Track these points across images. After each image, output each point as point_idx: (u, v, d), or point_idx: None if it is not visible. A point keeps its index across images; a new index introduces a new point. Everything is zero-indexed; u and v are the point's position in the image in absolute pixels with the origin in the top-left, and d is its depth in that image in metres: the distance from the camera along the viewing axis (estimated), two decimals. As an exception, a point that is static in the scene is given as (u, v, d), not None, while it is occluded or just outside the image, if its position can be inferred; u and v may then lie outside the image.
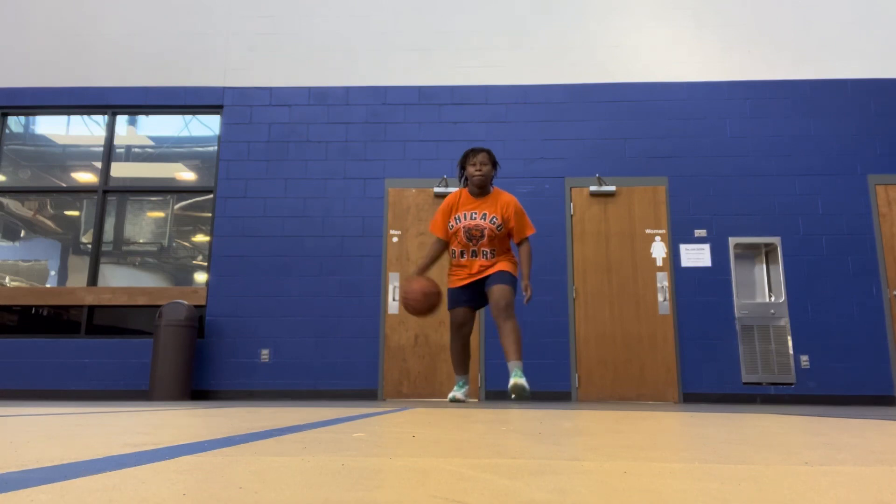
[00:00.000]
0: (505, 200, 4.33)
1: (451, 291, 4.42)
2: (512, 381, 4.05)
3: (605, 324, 6.30)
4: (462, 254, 4.38)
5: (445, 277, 4.77)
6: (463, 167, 4.42)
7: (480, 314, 6.32)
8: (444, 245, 4.44)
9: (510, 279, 4.27)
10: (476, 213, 4.30)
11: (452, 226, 4.35)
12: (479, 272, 4.32)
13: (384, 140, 6.84)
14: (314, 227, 6.64)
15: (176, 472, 0.65)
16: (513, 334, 4.15)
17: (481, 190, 4.37)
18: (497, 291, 4.18)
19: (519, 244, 4.40)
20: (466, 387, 4.49)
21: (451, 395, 4.46)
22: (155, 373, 5.85)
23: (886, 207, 6.44)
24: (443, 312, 6.19)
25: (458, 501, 0.48)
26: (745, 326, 6.23)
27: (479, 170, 4.30)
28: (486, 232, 4.28)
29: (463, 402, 4.41)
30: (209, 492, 0.53)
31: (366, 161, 6.79)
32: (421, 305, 4.09)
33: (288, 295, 6.47)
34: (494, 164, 4.40)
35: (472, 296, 4.38)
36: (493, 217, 4.29)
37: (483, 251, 4.32)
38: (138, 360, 6.34)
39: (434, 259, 4.43)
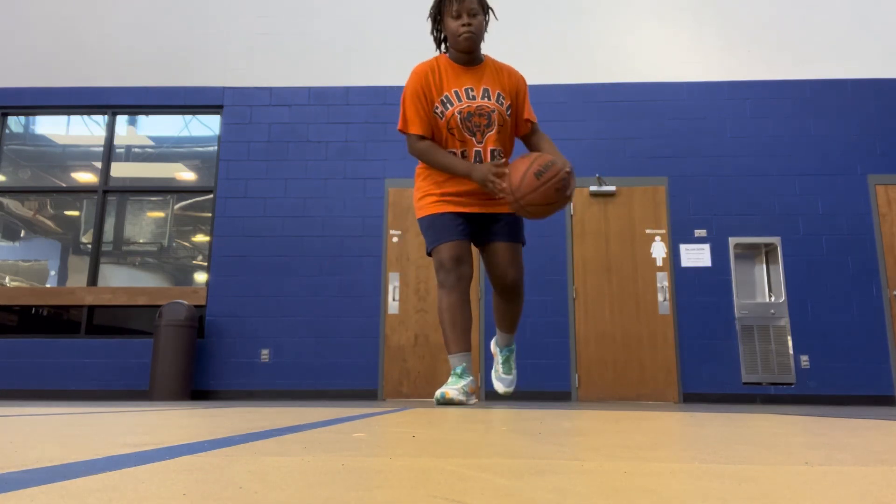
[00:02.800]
0: (508, 70, 2.95)
1: (437, 218, 2.84)
2: (500, 387, 3.19)
3: (605, 324, 6.30)
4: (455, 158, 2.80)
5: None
6: (438, 18, 2.86)
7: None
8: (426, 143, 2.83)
9: (522, 235, 2.99)
10: (473, 90, 2.79)
11: (442, 112, 2.76)
12: (485, 199, 2.82)
13: (384, 140, 6.83)
14: (314, 227, 6.64)
15: (176, 472, 0.65)
16: (514, 311, 3.04)
17: (471, 55, 2.83)
18: (504, 251, 2.82)
19: (532, 133, 2.99)
20: (468, 378, 2.85)
21: (440, 391, 2.80)
22: (155, 373, 5.85)
23: (886, 207, 6.44)
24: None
25: (458, 501, 0.48)
26: (745, 326, 6.23)
27: (468, 23, 2.71)
28: (494, 118, 2.80)
29: (463, 403, 2.82)
30: (209, 492, 0.53)
31: (366, 161, 6.79)
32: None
33: (288, 295, 6.47)
34: (487, 10, 2.88)
35: (470, 227, 2.89)
36: (499, 94, 2.84)
37: (491, 152, 2.82)
38: (138, 360, 6.34)
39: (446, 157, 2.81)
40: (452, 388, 2.79)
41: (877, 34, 6.88)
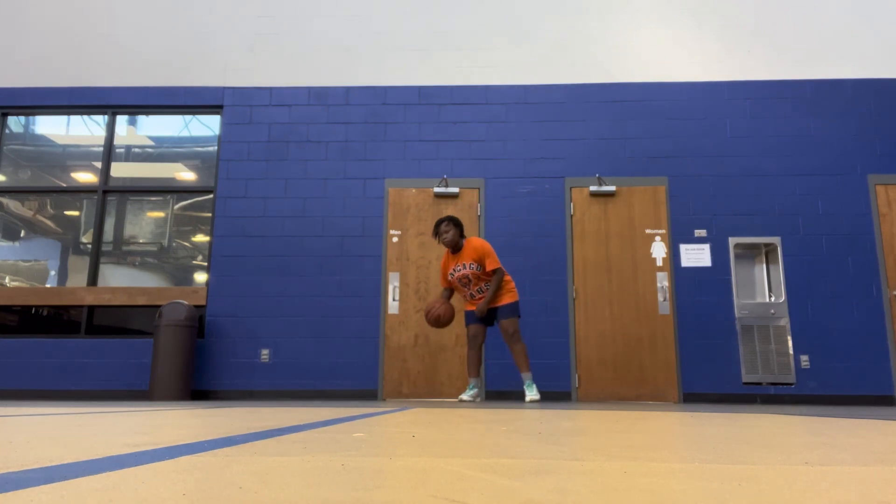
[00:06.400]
0: (473, 246, 5.32)
1: (468, 312, 5.40)
2: (529, 397, 5.19)
3: (605, 324, 6.30)
4: (464, 297, 5.47)
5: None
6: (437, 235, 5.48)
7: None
8: (450, 292, 5.49)
9: (513, 311, 5.28)
10: (459, 267, 5.34)
11: (450, 279, 5.42)
12: (479, 301, 5.35)
13: (384, 140, 6.83)
14: (314, 227, 6.64)
15: (176, 472, 0.65)
16: (521, 353, 5.21)
17: (454, 247, 5.37)
18: (504, 324, 5.26)
19: (492, 273, 5.33)
20: (476, 389, 5.36)
21: (460, 396, 5.41)
22: (155, 373, 5.85)
23: (886, 207, 6.44)
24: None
25: (458, 501, 0.48)
26: (745, 326, 6.23)
27: (443, 238, 5.34)
28: (470, 276, 5.33)
29: (470, 401, 5.28)
30: (209, 492, 0.53)
31: (366, 161, 6.79)
32: (435, 321, 5.17)
33: (288, 295, 6.47)
34: (457, 224, 5.35)
35: (484, 316, 5.36)
36: (471, 264, 5.32)
37: (476, 290, 5.35)
38: (138, 360, 6.34)
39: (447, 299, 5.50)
40: (466, 394, 5.32)
41: (877, 34, 6.88)
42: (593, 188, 6.57)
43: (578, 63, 6.97)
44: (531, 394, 5.17)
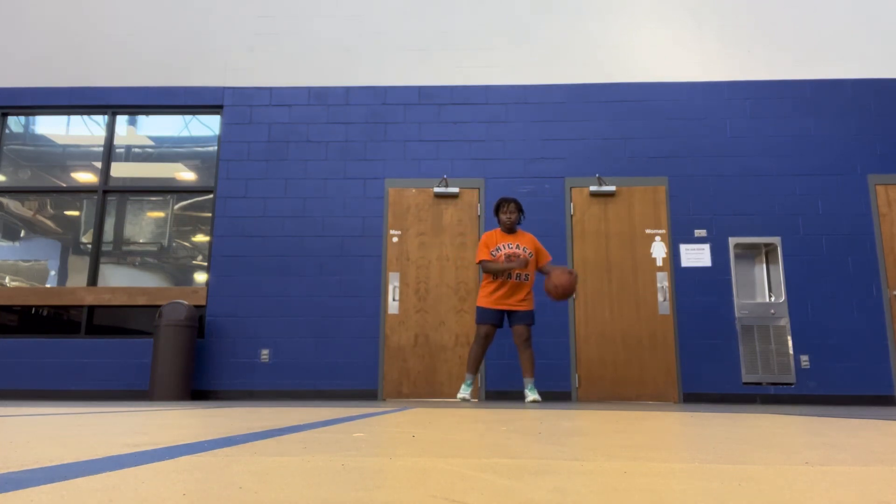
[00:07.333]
0: (530, 237, 5.59)
1: (483, 310, 5.43)
2: (530, 398, 5.25)
3: (605, 324, 6.30)
4: (504, 276, 5.45)
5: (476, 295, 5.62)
6: (497, 212, 5.61)
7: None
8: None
9: (531, 318, 5.42)
10: (512, 244, 5.48)
11: (495, 253, 5.49)
12: (512, 302, 5.41)
13: (384, 140, 6.83)
14: (314, 227, 6.64)
15: (176, 472, 0.65)
16: (530, 359, 5.35)
17: (510, 229, 5.54)
18: (521, 329, 5.39)
19: (547, 263, 5.55)
20: (472, 387, 5.56)
21: (459, 395, 5.49)
22: (155, 373, 5.85)
23: (886, 207, 6.44)
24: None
25: (458, 501, 0.48)
26: (745, 326, 6.23)
27: (509, 217, 5.51)
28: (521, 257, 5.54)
29: (468, 400, 5.45)
30: (209, 492, 0.53)
31: (366, 161, 6.79)
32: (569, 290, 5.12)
33: (288, 295, 6.47)
34: (521, 211, 5.57)
35: (499, 318, 5.43)
36: (525, 248, 5.49)
37: (518, 274, 5.41)
38: (138, 360, 6.34)
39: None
40: (465, 391, 5.45)
41: (877, 34, 6.88)
42: (593, 188, 6.57)
43: (578, 63, 6.97)
44: (532, 395, 5.21)
